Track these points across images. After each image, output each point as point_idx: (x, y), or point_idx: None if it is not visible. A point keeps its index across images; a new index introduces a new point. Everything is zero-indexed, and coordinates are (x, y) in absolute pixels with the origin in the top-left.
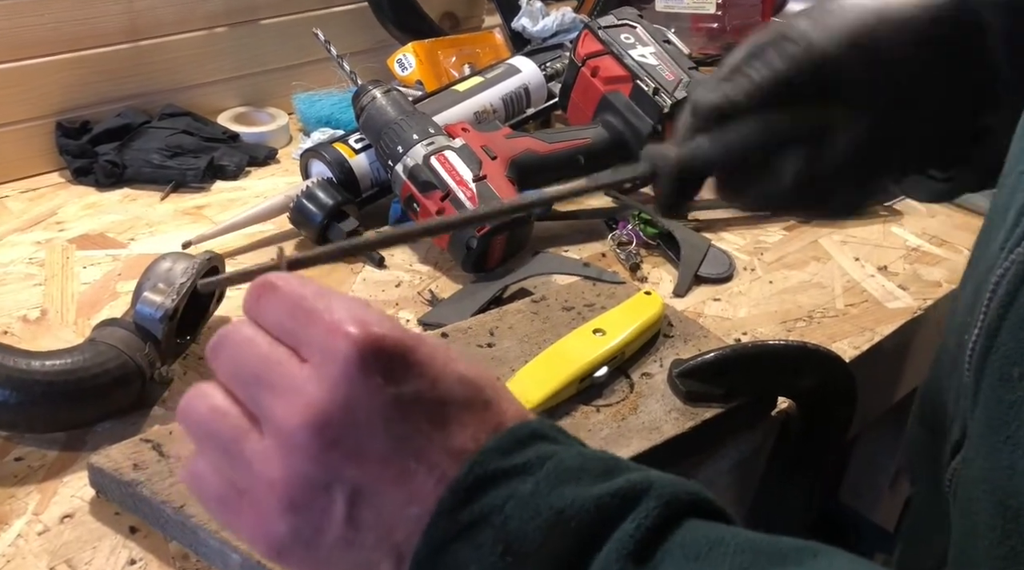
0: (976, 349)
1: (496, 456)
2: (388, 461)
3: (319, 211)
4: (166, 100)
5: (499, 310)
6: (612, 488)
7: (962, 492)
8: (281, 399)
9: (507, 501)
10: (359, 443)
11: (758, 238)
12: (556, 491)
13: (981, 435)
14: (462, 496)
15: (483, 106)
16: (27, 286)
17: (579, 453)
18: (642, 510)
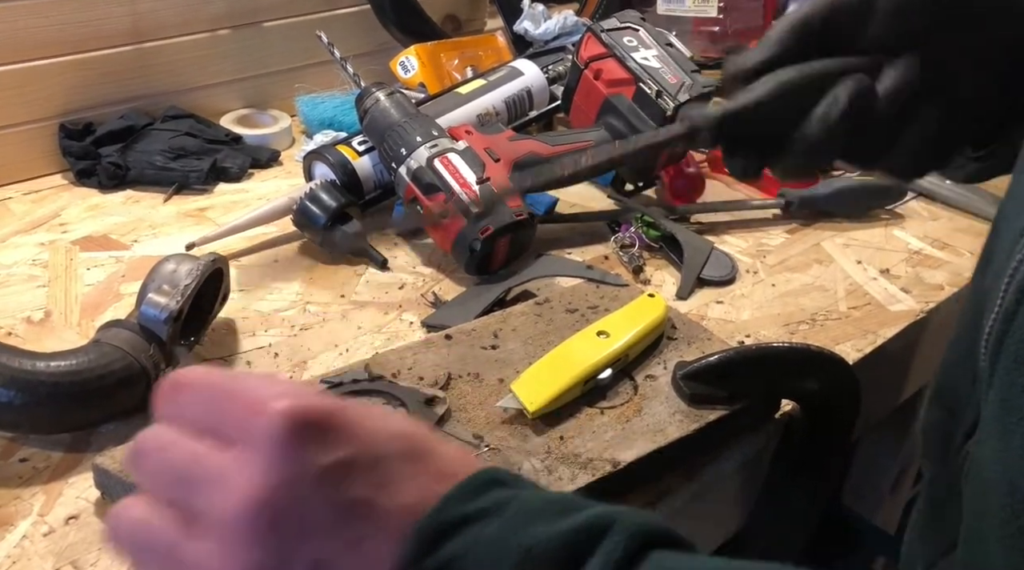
0: (993, 333)
1: (457, 502)
2: (337, 531)
3: (322, 213)
4: (169, 102)
5: (503, 312)
6: (577, 523)
7: (974, 473)
8: (213, 493)
9: (473, 546)
10: (303, 519)
11: (760, 241)
12: (523, 530)
13: (994, 417)
14: (426, 546)
15: (486, 109)
16: (31, 288)
17: (539, 495)
18: (608, 544)
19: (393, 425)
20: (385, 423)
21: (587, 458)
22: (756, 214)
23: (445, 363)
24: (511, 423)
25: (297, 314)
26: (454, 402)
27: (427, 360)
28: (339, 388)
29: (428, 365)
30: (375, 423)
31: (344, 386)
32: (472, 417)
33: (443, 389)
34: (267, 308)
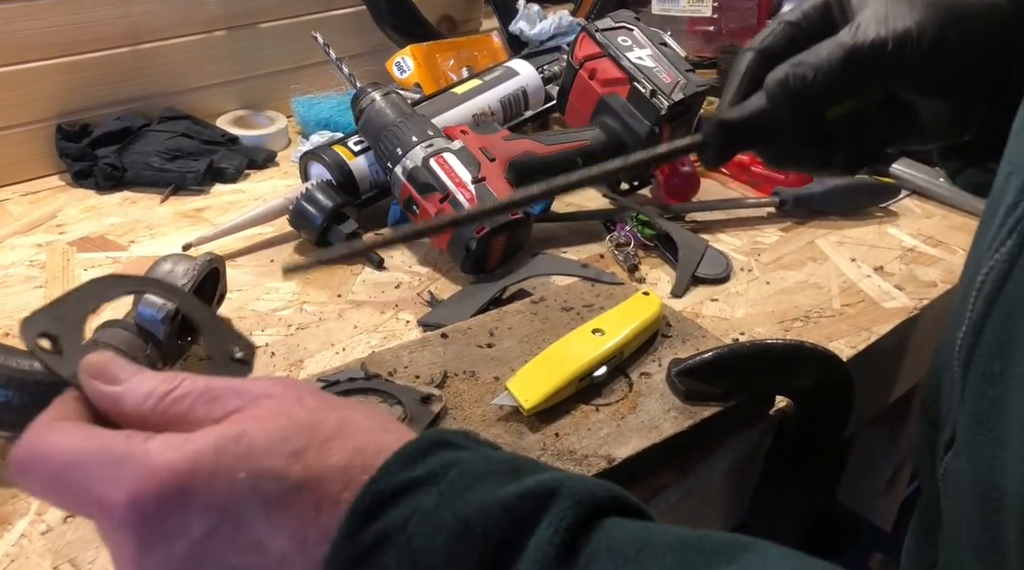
0: (963, 345)
1: (396, 470)
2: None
3: (319, 213)
4: (165, 103)
5: (498, 311)
6: (519, 490)
7: (952, 485)
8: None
9: (410, 517)
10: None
11: (755, 239)
12: (460, 499)
13: (967, 429)
14: (359, 520)
15: (481, 108)
16: (28, 288)
17: (485, 456)
18: (556, 512)
19: (255, 468)
20: (249, 465)
21: (582, 455)
22: (751, 212)
23: (441, 361)
24: (507, 421)
25: (293, 314)
26: (450, 400)
27: (423, 359)
28: (335, 387)
29: (424, 363)
30: (234, 472)
31: (340, 385)
32: (468, 415)
33: (439, 387)
34: (264, 308)
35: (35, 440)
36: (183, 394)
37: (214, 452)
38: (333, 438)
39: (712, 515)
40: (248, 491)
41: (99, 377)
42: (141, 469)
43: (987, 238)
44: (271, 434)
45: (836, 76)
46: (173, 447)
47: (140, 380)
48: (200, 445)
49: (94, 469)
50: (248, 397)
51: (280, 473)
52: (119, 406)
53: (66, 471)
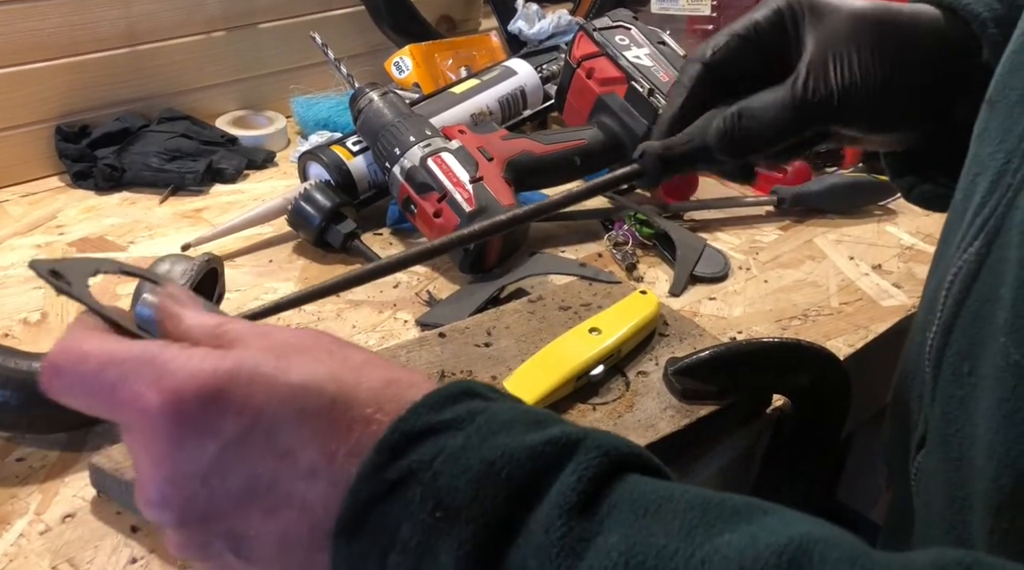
0: (934, 346)
1: (424, 412)
2: (245, 508)
3: (317, 213)
4: (165, 104)
5: (496, 310)
6: (546, 437)
7: (923, 485)
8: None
9: (436, 456)
10: (208, 504)
11: (753, 237)
12: (487, 443)
13: (937, 429)
14: (387, 454)
15: (480, 108)
16: (27, 289)
17: (512, 407)
18: (581, 460)
19: (295, 379)
20: (285, 380)
21: None
22: (749, 211)
23: (439, 361)
24: None
25: (292, 314)
26: None
27: (421, 358)
28: None
29: (422, 363)
30: (270, 386)
31: None
32: None
33: None
34: None
35: (70, 341)
36: (234, 328)
37: (255, 363)
38: (364, 366)
39: None
40: (285, 398)
41: (172, 299)
42: (181, 371)
43: (955, 239)
44: (309, 358)
45: (780, 130)
46: (215, 355)
47: (203, 312)
48: (242, 356)
49: (133, 368)
50: (294, 333)
51: (316, 387)
52: (179, 324)
53: (102, 370)
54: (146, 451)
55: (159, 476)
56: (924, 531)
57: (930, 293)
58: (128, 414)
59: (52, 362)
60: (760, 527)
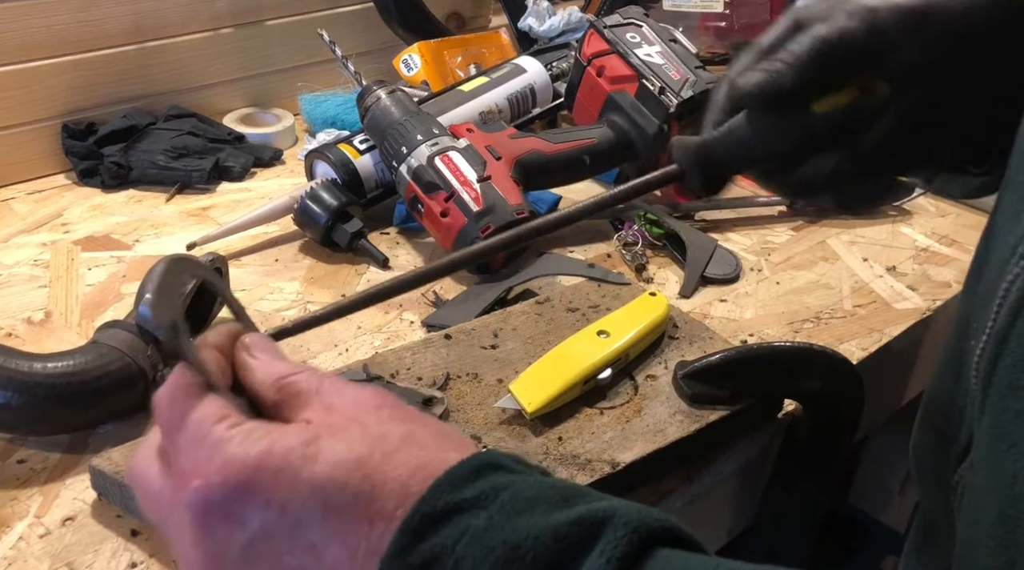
0: (984, 356)
1: (447, 490)
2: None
3: (323, 212)
4: (171, 101)
5: (503, 311)
6: (571, 517)
7: (967, 500)
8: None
9: (459, 539)
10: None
11: (765, 238)
12: (510, 523)
13: (987, 443)
14: (409, 538)
15: (488, 106)
16: (32, 288)
17: (536, 482)
18: (609, 540)
19: (321, 471)
20: (312, 471)
21: (586, 459)
22: (761, 211)
23: (444, 363)
24: (509, 424)
25: (297, 314)
26: (452, 402)
27: (426, 360)
28: None
29: (427, 365)
30: (296, 478)
31: None
32: (470, 418)
33: (441, 389)
34: (267, 308)
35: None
36: (297, 380)
37: (284, 451)
38: (397, 451)
39: (719, 521)
40: (308, 493)
41: (245, 350)
42: (218, 456)
43: (1008, 243)
44: (339, 442)
45: (809, 68)
46: (251, 440)
47: (272, 362)
48: (273, 443)
49: (189, 439)
50: (343, 396)
51: (341, 481)
52: (251, 376)
53: (175, 428)
54: (181, 528)
55: (197, 557)
56: (969, 550)
57: (977, 299)
58: (174, 484)
59: (154, 401)
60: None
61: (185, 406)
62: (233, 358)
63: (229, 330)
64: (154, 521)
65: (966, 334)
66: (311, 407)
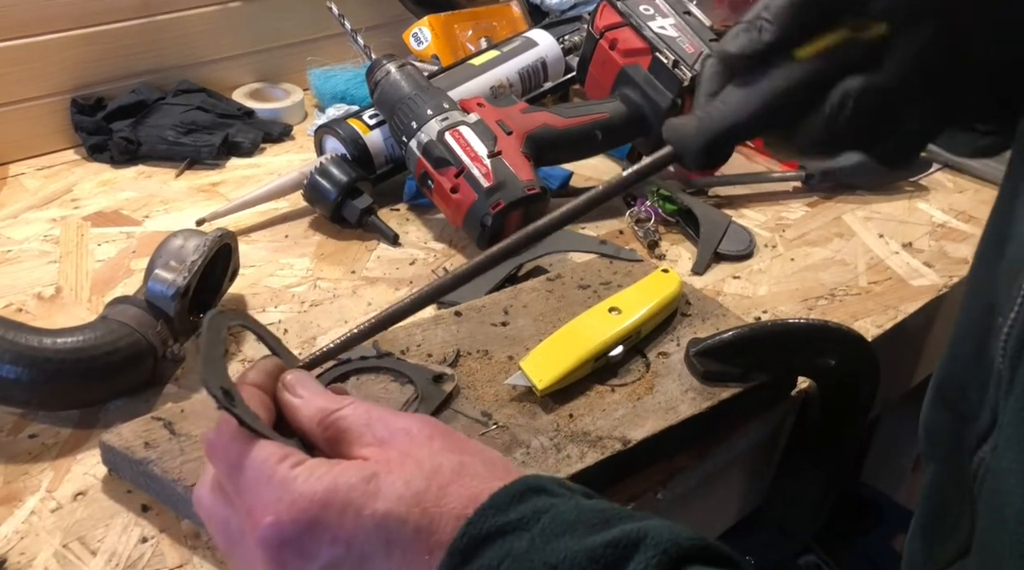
0: (1012, 335)
1: (492, 514)
2: None
3: (333, 188)
4: (180, 76)
5: (514, 288)
6: (606, 539)
7: (990, 482)
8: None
9: (503, 560)
10: None
11: (780, 214)
12: (550, 546)
13: (1013, 425)
14: (458, 559)
15: (499, 80)
16: (42, 263)
17: (577, 505)
18: (640, 561)
19: (382, 507)
20: (374, 508)
21: (596, 436)
22: (776, 187)
23: (454, 340)
24: (520, 401)
25: (307, 290)
26: (462, 379)
27: (436, 337)
28: (347, 365)
29: (437, 342)
30: (359, 515)
31: (352, 363)
32: (481, 394)
33: (452, 366)
34: (277, 284)
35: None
36: (344, 415)
37: (347, 489)
38: (451, 483)
39: (730, 498)
40: (372, 529)
41: (288, 389)
42: (286, 494)
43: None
44: (397, 478)
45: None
46: (315, 478)
47: (315, 398)
48: (337, 481)
49: (251, 479)
50: (392, 429)
51: (401, 516)
52: (296, 415)
53: (234, 470)
54: (256, 562)
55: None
56: (991, 534)
57: (1000, 275)
58: (242, 522)
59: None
60: None
61: (243, 448)
62: (276, 397)
63: (267, 368)
64: (220, 546)
65: (990, 311)
66: (364, 442)
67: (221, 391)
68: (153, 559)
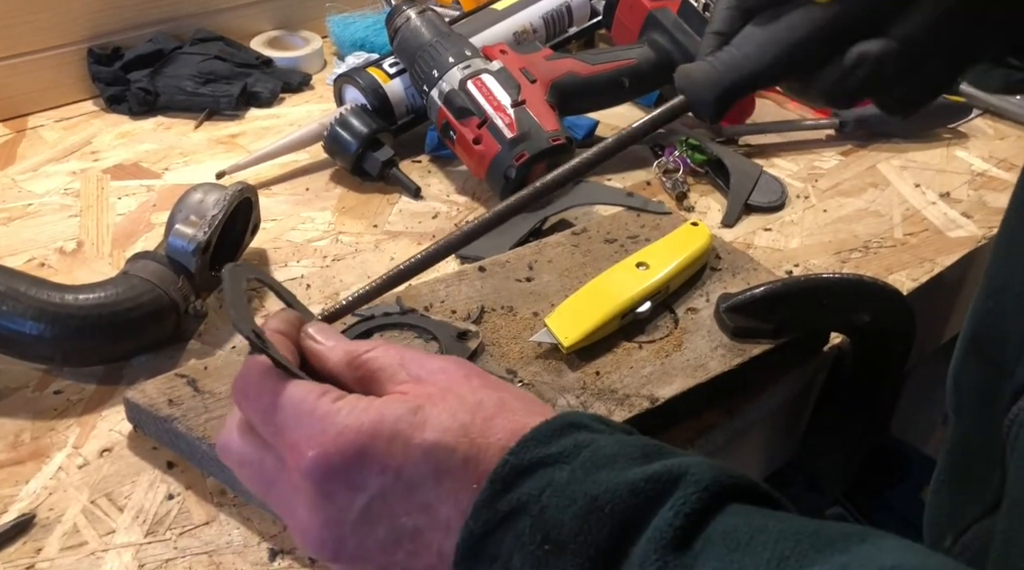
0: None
1: (533, 446)
2: (391, 552)
3: (353, 140)
4: (197, 24)
5: (538, 243)
6: (647, 473)
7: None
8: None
9: (544, 490)
10: (357, 548)
11: (812, 163)
12: (591, 477)
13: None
14: (499, 486)
15: (523, 26)
16: (63, 217)
17: (617, 440)
18: (680, 496)
19: (430, 438)
20: (422, 438)
21: (624, 394)
22: (808, 135)
23: (478, 296)
24: (545, 358)
25: (329, 244)
26: (487, 336)
27: (460, 293)
28: (370, 322)
29: (461, 298)
30: (408, 444)
31: (375, 319)
32: (505, 352)
33: (476, 323)
34: (299, 238)
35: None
36: (375, 356)
37: (394, 419)
38: (494, 417)
39: (760, 454)
40: (421, 457)
41: (311, 339)
42: (331, 426)
43: None
44: (443, 410)
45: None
46: (360, 410)
47: (341, 343)
48: (383, 412)
49: (291, 416)
50: (428, 368)
51: (450, 445)
52: (324, 361)
53: (269, 409)
54: (300, 495)
55: (315, 521)
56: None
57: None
58: (285, 457)
59: (238, 388)
60: (853, 557)
61: (276, 387)
62: (300, 347)
63: (288, 318)
64: (255, 491)
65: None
66: (399, 379)
67: (254, 334)
68: (180, 516)
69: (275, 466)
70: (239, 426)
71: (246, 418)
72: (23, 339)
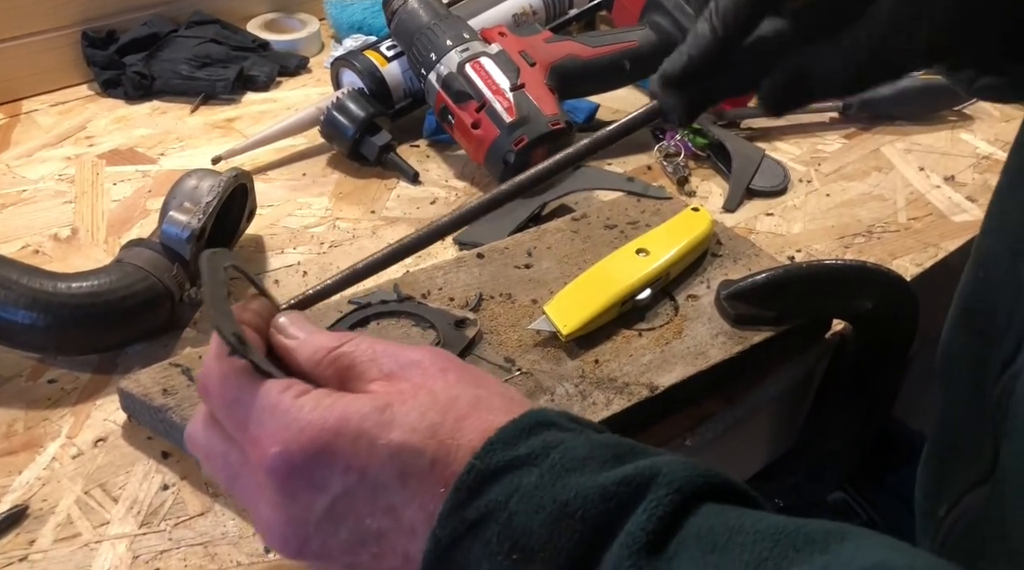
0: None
1: (500, 448)
2: (355, 552)
3: (351, 124)
4: (193, 7)
5: (537, 229)
6: (618, 476)
7: (1014, 410)
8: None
9: (511, 495)
10: (321, 547)
11: (815, 147)
12: (561, 482)
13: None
14: (465, 494)
15: (522, 7)
16: (58, 204)
17: (588, 440)
18: (652, 499)
19: (397, 437)
20: (388, 438)
21: (623, 382)
22: (811, 118)
23: (476, 283)
24: (544, 346)
25: (326, 230)
26: (485, 324)
27: (458, 280)
28: (367, 309)
29: (459, 285)
30: (374, 444)
31: (372, 307)
32: (504, 339)
33: (474, 310)
34: (296, 224)
35: (210, 369)
36: (346, 351)
37: (359, 418)
38: (467, 417)
39: (761, 442)
40: (387, 459)
41: (281, 332)
42: (293, 422)
43: None
44: (412, 409)
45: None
46: (324, 407)
47: (312, 337)
48: (348, 409)
49: (254, 411)
50: (402, 362)
51: (417, 447)
52: (294, 357)
53: (232, 404)
54: (263, 491)
55: (278, 519)
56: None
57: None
58: (248, 453)
59: (201, 383)
60: (834, 557)
61: (241, 381)
62: (270, 340)
63: (258, 309)
64: (221, 483)
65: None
66: (370, 377)
67: (235, 337)
68: (175, 507)
69: (239, 460)
70: (205, 417)
71: (210, 411)
72: (16, 328)
